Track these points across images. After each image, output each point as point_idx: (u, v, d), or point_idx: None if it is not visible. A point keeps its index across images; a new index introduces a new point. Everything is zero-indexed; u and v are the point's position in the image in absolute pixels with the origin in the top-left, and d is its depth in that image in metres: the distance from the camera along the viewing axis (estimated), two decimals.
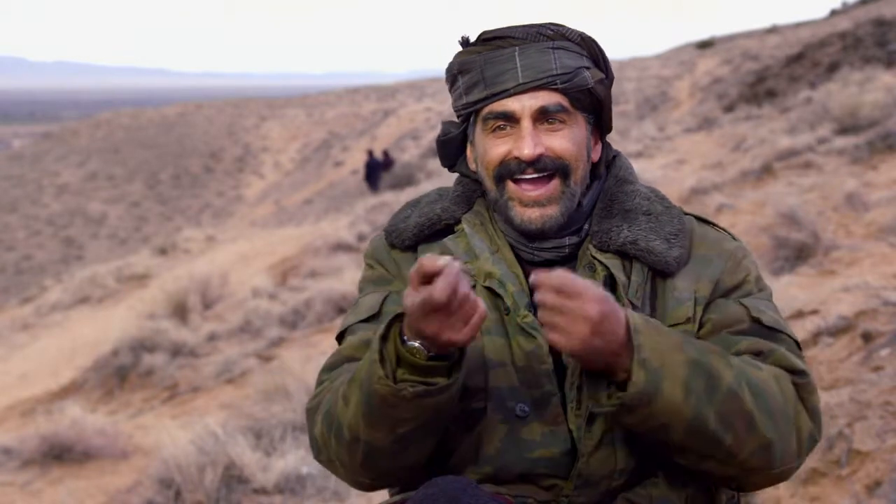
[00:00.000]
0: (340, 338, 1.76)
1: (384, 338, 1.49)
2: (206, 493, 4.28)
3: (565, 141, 1.63)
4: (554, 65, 1.62)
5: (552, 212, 1.63)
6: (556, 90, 1.63)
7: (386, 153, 29.80)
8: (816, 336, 4.20)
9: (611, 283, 1.64)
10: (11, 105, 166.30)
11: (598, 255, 1.65)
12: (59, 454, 5.63)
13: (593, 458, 1.59)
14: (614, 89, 1.64)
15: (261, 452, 4.62)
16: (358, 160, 37.45)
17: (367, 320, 1.71)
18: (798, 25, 51.39)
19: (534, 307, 1.63)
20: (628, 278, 1.64)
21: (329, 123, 52.19)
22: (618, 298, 1.62)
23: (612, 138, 1.90)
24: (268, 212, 38.51)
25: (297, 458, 4.52)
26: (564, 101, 1.63)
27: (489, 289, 1.65)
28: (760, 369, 1.56)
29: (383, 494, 1.80)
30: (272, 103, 61.86)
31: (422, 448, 1.57)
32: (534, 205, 1.63)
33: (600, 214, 1.69)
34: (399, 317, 1.49)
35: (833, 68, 21.83)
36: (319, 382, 1.71)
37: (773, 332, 1.63)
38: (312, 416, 1.66)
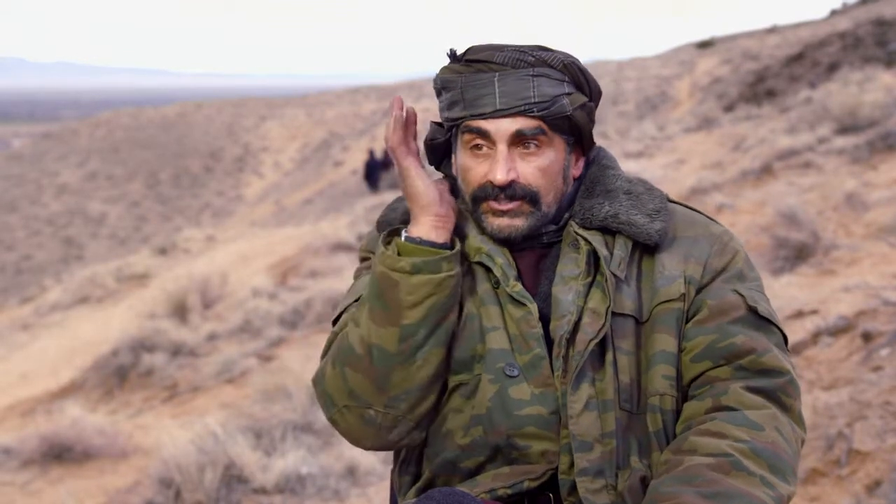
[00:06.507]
0: (336, 321, 1.82)
1: (388, 236, 1.68)
2: (206, 492, 4.29)
3: (537, 170, 1.69)
4: (532, 93, 1.66)
5: (519, 223, 1.70)
6: (533, 116, 1.67)
7: (387, 152, 29.69)
8: (816, 336, 4.20)
9: (594, 259, 1.70)
10: (11, 105, 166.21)
11: (581, 232, 1.72)
12: (59, 454, 5.64)
13: (582, 419, 1.63)
14: (614, 89, 1.65)
15: (261, 452, 4.62)
16: (358, 160, 37.41)
17: (359, 301, 1.77)
18: (798, 25, 51.37)
19: (521, 278, 1.72)
20: (610, 253, 1.70)
21: (329, 123, 52.16)
22: (600, 272, 1.68)
23: (612, 138, 1.94)
24: (268, 212, 38.49)
25: (297, 458, 4.53)
26: (542, 125, 1.68)
27: (480, 263, 1.73)
28: (763, 429, 1.59)
29: (384, 495, 1.81)
30: (272, 103, 61.81)
31: (430, 360, 1.64)
32: (503, 215, 1.70)
33: (583, 195, 1.76)
34: (396, 230, 1.70)
35: (833, 68, 21.86)
36: (323, 360, 1.78)
37: (766, 324, 1.69)
38: (321, 381, 1.73)
